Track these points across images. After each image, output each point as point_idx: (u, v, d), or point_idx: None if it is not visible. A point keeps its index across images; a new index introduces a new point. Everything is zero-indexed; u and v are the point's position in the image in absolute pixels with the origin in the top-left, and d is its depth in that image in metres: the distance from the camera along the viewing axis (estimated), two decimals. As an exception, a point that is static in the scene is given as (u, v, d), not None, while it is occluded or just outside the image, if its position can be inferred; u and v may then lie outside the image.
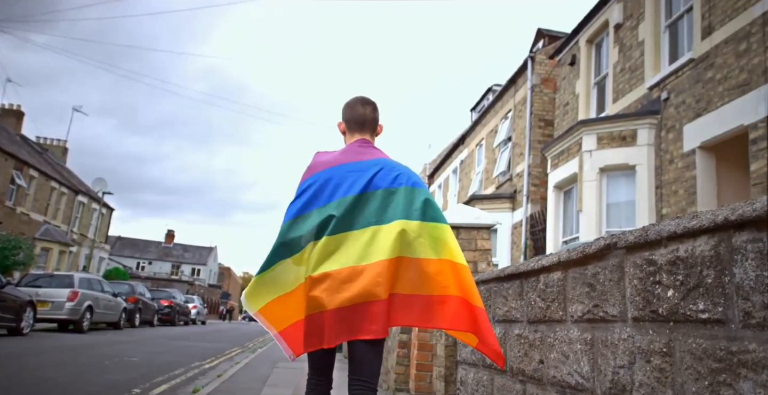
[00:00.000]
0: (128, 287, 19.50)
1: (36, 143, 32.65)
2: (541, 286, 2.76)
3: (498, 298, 3.39)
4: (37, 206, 27.19)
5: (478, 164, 17.21)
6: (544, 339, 2.69)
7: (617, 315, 2.03)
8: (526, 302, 2.95)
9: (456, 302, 2.12)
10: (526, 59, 13.14)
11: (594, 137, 8.48)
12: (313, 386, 2.27)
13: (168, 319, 22.58)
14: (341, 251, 2.14)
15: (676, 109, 7.54)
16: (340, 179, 2.24)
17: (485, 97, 20.16)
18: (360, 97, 2.51)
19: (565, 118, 11.28)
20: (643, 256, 1.85)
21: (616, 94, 9.25)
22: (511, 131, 14.28)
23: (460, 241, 4.40)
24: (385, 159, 2.34)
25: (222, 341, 15.23)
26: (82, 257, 31.23)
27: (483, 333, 2.10)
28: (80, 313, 14.10)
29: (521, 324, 3.02)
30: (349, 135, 2.46)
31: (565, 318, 2.48)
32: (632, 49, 8.87)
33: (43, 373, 6.28)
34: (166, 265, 60.17)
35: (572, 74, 11.10)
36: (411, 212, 2.18)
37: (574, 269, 2.41)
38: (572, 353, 2.37)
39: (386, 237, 2.14)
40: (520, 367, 2.98)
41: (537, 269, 2.77)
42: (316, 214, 2.21)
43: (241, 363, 8.96)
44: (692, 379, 1.56)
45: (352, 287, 2.09)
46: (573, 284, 2.40)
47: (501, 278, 3.34)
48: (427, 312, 2.14)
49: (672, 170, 7.48)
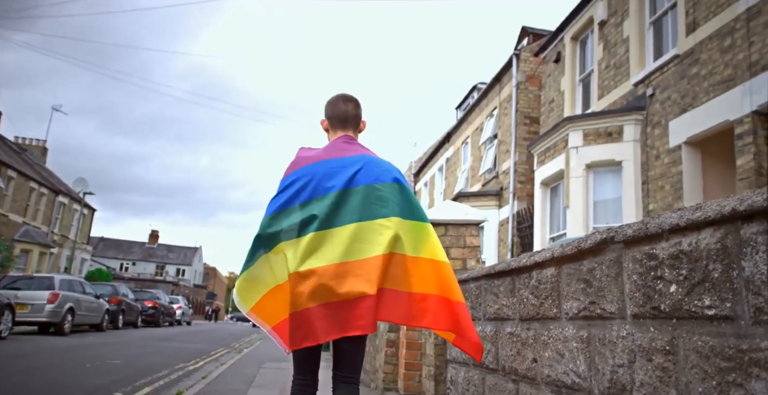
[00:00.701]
0: (111, 288, 19.17)
1: (14, 143, 32.05)
2: (533, 283, 2.69)
3: (488, 295, 3.32)
4: (16, 207, 26.67)
5: (464, 162, 17.18)
6: (538, 337, 2.62)
7: (615, 311, 1.96)
8: (518, 299, 2.88)
9: (435, 301, 2.14)
10: (511, 57, 13.12)
11: (580, 133, 8.46)
12: (298, 386, 2.24)
13: (152, 320, 22.27)
14: (326, 248, 2.13)
15: (661, 105, 7.54)
16: (323, 175, 2.23)
17: (470, 95, 20.15)
18: (342, 94, 2.51)
19: (551, 115, 11.27)
20: (643, 250, 1.78)
21: (602, 91, 9.25)
22: (496, 128, 14.26)
23: (449, 238, 4.33)
24: (368, 156, 2.33)
25: (207, 342, 15.04)
26: (64, 258, 30.72)
27: (463, 329, 2.13)
28: (61, 315, 13.82)
29: (513, 321, 2.95)
30: (332, 132, 2.46)
31: (560, 315, 2.41)
32: (617, 46, 8.86)
33: (17, 379, 6.09)
34: (150, 266, 59.49)
35: (557, 71, 11.09)
36: (395, 209, 2.19)
37: (568, 265, 2.34)
38: (568, 351, 2.30)
39: (372, 234, 2.14)
40: (512, 366, 2.91)
41: (529, 265, 2.70)
42: (299, 210, 2.20)
43: (227, 363, 8.82)
44: (698, 379, 1.49)
45: (340, 284, 2.08)
46: (567, 280, 2.34)
47: (491, 275, 3.27)
48: (409, 310, 2.15)
49: (658, 166, 7.48)
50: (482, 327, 3.42)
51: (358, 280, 2.09)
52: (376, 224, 2.15)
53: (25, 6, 57.96)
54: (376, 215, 2.17)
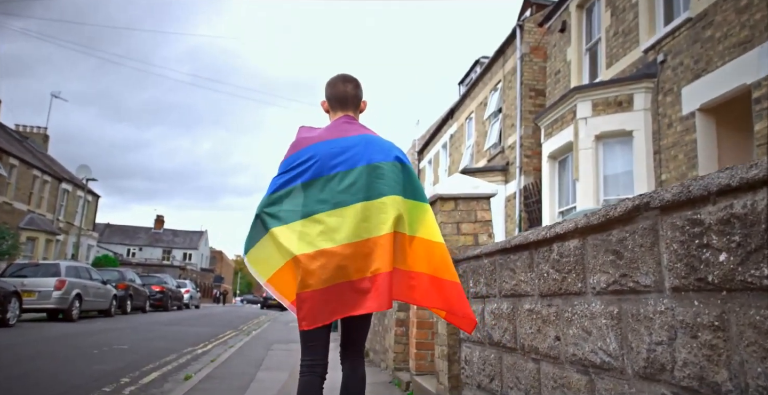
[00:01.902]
0: (118, 274, 19.20)
1: (15, 131, 31.86)
2: (554, 256, 2.51)
3: (504, 271, 3.15)
4: (20, 195, 26.61)
5: (468, 138, 16.94)
6: (560, 313, 2.46)
7: (651, 284, 1.79)
8: (538, 274, 2.71)
9: (424, 279, 2.21)
10: (515, 28, 12.78)
11: (589, 103, 8.22)
12: (308, 367, 2.22)
13: (160, 304, 22.36)
14: (334, 228, 2.13)
15: (673, 71, 7.28)
16: (325, 155, 2.23)
17: (473, 69, 19.79)
18: (341, 74, 2.49)
19: (557, 86, 10.99)
20: (685, 216, 1.60)
21: (610, 60, 8.97)
22: (501, 102, 13.98)
23: (459, 212, 4.15)
24: (370, 135, 2.34)
25: (216, 325, 15.03)
26: (70, 245, 30.77)
27: (455, 307, 2.22)
28: (69, 302, 13.82)
29: (532, 298, 2.79)
30: (333, 113, 2.46)
31: (585, 290, 2.24)
32: (625, 12, 8.55)
33: (25, 366, 6.01)
34: (156, 251, 59.74)
35: (563, 41, 10.78)
36: (396, 188, 2.21)
37: (594, 235, 2.16)
38: (596, 328, 2.14)
39: (377, 212, 2.16)
40: (532, 345, 2.76)
41: (549, 237, 2.53)
42: (301, 190, 2.21)
43: (235, 346, 8.75)
44: (757, 358, 1.32)
45: (352, 263, 2.11)
46: (594, 252, 2.16)
47: (507, 250, 3.10)
48: (399, 286, 2.22)
49: (671, 135, 7.25)
50: (498, 304, 3.26)
51: (370, 258, 2.12)
52: (379, 203, 2.17)
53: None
54: (379, 193, 2.18)
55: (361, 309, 2.11)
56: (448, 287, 2.20)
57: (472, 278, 3.74)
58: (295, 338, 1.79)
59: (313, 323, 2.12)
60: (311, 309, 2.10)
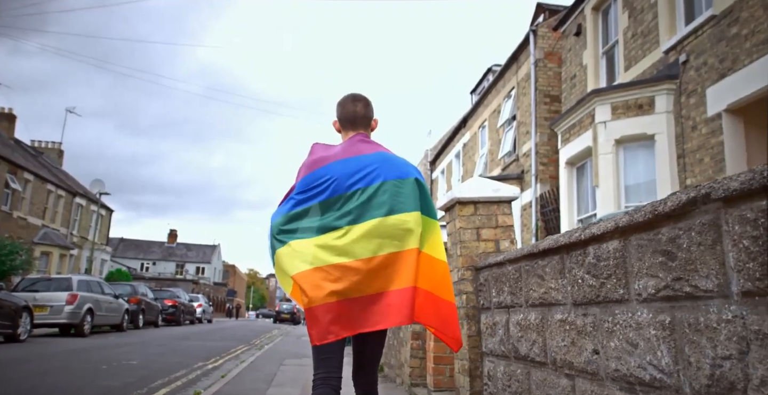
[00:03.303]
0: (130, 288, 19.06)
1: (30, 146, 32.13)
2: (590, 260, 2.27)
3: (531, 278, 2.90)
4: (35, 209, 26.72)
5: (481, 147, 16.69)
6: (599, 323, 2.21)
7: (713, 289, 1.54)
8: (570, 281, 2.46)
9: (422, 295, 2.20)
10: (528, 33, 12.58)
11: (608, 106, 7.96)
12: (322, 380, 2.17)
13: (173, 319, 22.18)
14: (352, 244, 2.15)
15: (696, 71, 7.01)
16: (342, 174, 2.25)
17: (485, 78, 19.60)
18: (351, 94, 2.52)
19: (573, 91, 10.75)
20: (759, 207, 1.36)
21: (628, 62, 8.72)
22: (515, 109, 13.74)
23: (479, 217, 3.91)
24: (385, 153, 2.36)
25: (227, 339, 14.81)
26: (84, 259, 30.80)
27: (446, 327, 2.24)
28: (80, 316, 13.68)
29: (564, 307, 2.54)
30: (344, 133, 2.48)
31: (629, 297, 1.99)
32: (644, 13, 8.32)
33: (33, 380, 5.83)
34: (170, 265, 59.80)
35: (578, 45, 10.55)
36: (416, 205, 2.25)
37: (638, 235, 1.91)
38: (643, 340, 1.88)
39: (396, 229, 2.19)
40: (565, 359, 2.50)
41: (584, 239, 2.28)
42: (319, 208, 2.23)
43: (247, 361, 8.52)
44: None
45: (371, 278, 2.13)
46: (638, 254, 1.91)
47: (534, 255, 2.85)
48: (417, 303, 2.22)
49: (695, 138, 6.97)
50: (524, 314, 3.01)
51: (391, 273, 2.14)
52: (397, 219, 2.19)
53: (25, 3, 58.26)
54: (398, 210, 2.21)
55: (381, 324, 2.12)
56: (443, 306, 2.23)
57: (495, 286, 3.50)
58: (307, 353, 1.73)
59: (324, 338, 2.10)
60: (323, 324, 2.09)
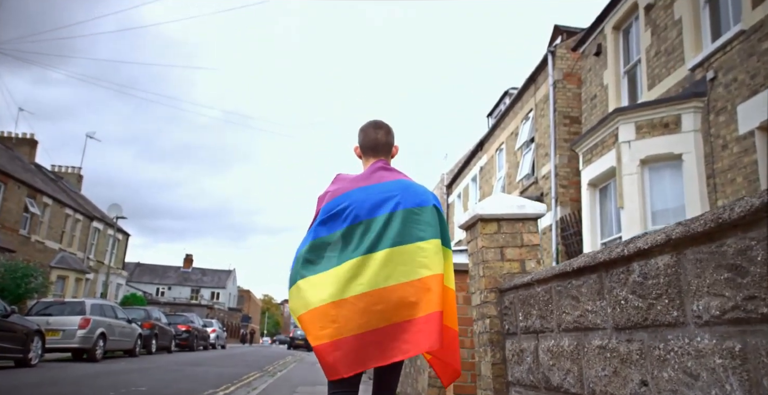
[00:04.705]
0: (143, 312, 18.90)
1: (50, 171, 32.54)
2: (635, 278, 2.02)
3: (564, 300, 2.64)
4: (52, 233, 26.85)
5: (499, 170, 16.46)
6: (647, 351, 1.94)
7: (800, 308, 1.29)
8: (611, 301, 2.20)
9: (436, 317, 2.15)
10: (546, 54, 12.45)
11: (632, 125, 7.71)
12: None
13: (186, 344, 21.91)
14: (371, 272, 2.15)
15: (726, 88, 6.76)
16: (363, 201, 2.27)
17: (502, 101, 19.47)
18: (373, 121, 2.55)
19: (594, 112, 10.53)
20: None
21: (652, 80, 8.49)
22: (533, 131, 13.54)
23: (503, 236, 3.67)
24: (406, 180, 2.38)
25: (240, 365, 14.50)
26: (100, 284, 30.81)
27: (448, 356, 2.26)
28: (93, 341, 13.49)
29: (604, 331, 2.28)
30: (365, 159, 2.52)
31: (685, 319, 1.74)
32: (667, 30, 8.13)
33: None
34: (185, 290, 59.73)
35: (598, 65, 10.37)
36: (436, 232, 2.26)
37: (696, 247, 1.67)
38: (705, 371, 1.62)
39: (415, 256, 2.19)
40: (606, 390, 2.23)
41: (627, 255, 2.04)
42: (340, 236, 2.24)
43: (258, 389, 8.23)
44: None
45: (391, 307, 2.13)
46: (697, 269, 1.67)
47: (567, 274, 2.60)
48: None
49: (726, 157, 6.68)
50: (556, 340, 2.74)
51: (414, 301, 2.13)
52: (417, 247, 2.20)
53: (61, 38, 59.86)
54: (417, 238, 2.22)
55: (404, 353, 2.12)
56: (447, 334, 2.24)
57: (522, 310, 3.23)
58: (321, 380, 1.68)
59: (333, 375, 2.13)
60: (338, 358, 2.10)
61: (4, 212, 22.82)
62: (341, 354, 2.09)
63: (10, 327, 10.56)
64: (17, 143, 29.92)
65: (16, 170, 24.61)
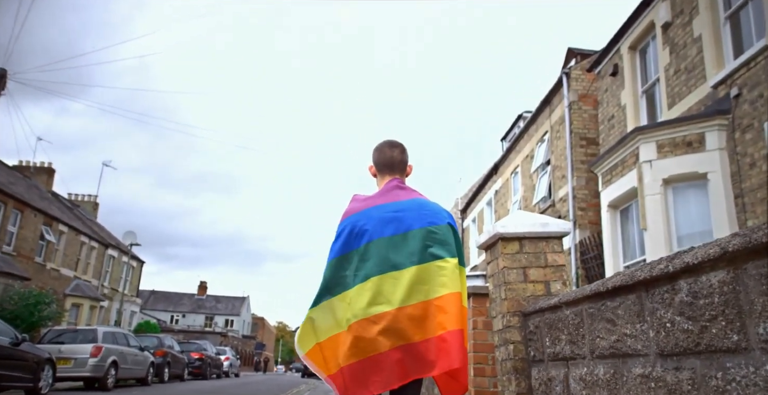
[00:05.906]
0: (156, 340, 18.68)
1: (67, 199, 32.83)
2: (683, 297, 1.80)
3: (598, 323, 2.42)
4: (67, 261, 26.90)
5: (514, 193, 16.22)
6: (701, 380, 1.72)
7: None
8: (654, 324, 1.98)
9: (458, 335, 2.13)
10: (561, 76, 12.33)
11: (653, 145, 7.50)
12: None
13: (199, 372, 21.59)
14: (390, 291, 2.15)
15: (751, 105, 6.55)
16: (379, 220, 2.27)
17: (516, 124, 19.35)
18: (388, 140, 2.57)
19: (611, 132, 10.33)
20: None
21: (672, 99, 8.30)
22: (549, 153, 13.34)
23: (525, 255, 3.46)
24: (421, 199, 2.39)
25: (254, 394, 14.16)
26: (114, 311, 30.69)
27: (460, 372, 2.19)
28: (104, 369, 13.26)
29: (646, 358, 2.05)
30: (380, 178, 2.52)
31: (748, 344, 1.52)
32: (686, 48, 7.97)
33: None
34: (199, 317, 59.42)
35: (615, 85, 10.21)
36: (452, 251, 2.25)
37: (759, 261, 1.46)
38: (777, 403, 1.40)
39: (434, 275, 2.18)
40: (651, 425, 1.99)
41: (672, 272, 1.83)
42: (357, 255, 2.25)
43: (270, 420, 7.93)
44: None
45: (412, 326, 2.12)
46: (761, 286, 1.46)
47: (601, 295, 2.38)
48: None
49: (755, 175, 6.43)
50: (590, 367, 2.51)
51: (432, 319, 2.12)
52: (435, 266, 2.19)
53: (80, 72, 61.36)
54: (435, 256, 2.21)
55: (426, 372, 2.10)
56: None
57: (549, 334, 3.00)
58: None
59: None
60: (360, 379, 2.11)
61: (20, 239, 22.93)
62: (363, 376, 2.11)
63: (20, 356, 10.38)
64: (35, 172, 30.29)
65: (33, 198, 24.82)
